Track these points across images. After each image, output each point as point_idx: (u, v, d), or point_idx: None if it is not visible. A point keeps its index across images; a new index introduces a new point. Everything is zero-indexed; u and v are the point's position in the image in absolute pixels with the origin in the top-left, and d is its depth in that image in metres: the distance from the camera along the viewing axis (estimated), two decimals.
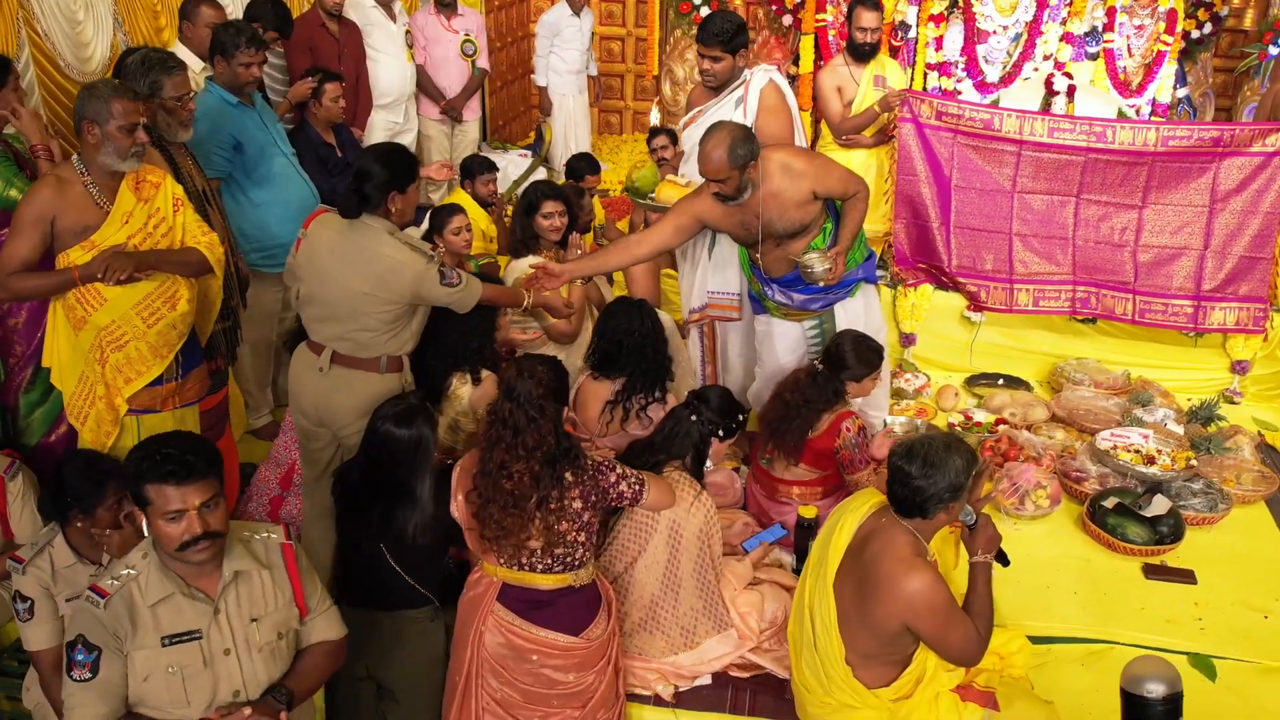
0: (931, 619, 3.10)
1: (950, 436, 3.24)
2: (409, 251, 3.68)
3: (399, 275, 3.65)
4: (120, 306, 3.58)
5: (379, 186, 3.65)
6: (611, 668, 3.43)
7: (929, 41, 7.46)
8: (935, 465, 3.11)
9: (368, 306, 3.68)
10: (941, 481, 3.10)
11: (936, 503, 3.13)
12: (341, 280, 3.67)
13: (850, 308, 4.55)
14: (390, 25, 6.81)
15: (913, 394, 5.65)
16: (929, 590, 3.07)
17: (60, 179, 3.57)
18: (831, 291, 4.44)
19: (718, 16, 4.66)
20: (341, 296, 3.69)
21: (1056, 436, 5.13)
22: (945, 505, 3.14)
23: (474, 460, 3.27)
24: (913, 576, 3.09)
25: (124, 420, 3.72)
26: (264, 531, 2.82)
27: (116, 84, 3.57)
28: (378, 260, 3.63)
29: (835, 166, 4.41)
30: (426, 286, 3.70)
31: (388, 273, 3.64)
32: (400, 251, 3.66)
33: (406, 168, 3.74)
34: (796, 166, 4.26)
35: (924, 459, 3.13)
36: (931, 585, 3.08)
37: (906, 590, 3.09)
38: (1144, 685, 2.38)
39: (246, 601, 2.69)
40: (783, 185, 4.25)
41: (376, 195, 3.65)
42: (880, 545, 3.20)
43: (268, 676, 2.71)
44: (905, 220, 5.81)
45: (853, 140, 5.92)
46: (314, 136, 5.88)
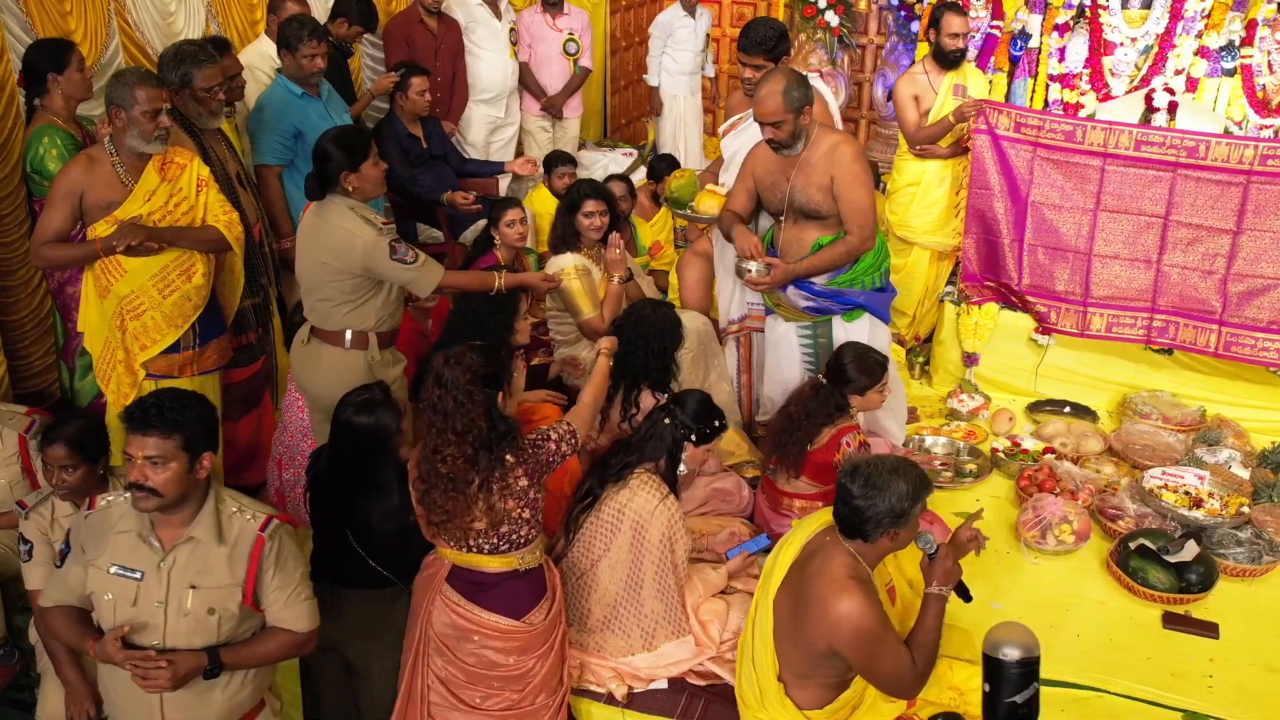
0: (858, 644, 3.02)
1: (902, 461, 3.14)
2: (362, 224, 3.82)
3: (350, 246, 3.79)
4: (139, 278, 3.85)
5: (334, 168, 3.82)
6: (554, 654, 3.46)
7: (1052, 52, 7.18)
8: (876, 487, 3.04)
9: (326, 276, 3.85)
10: (881, 504, 3.02)
11: (876, 525, 3.05)
12: (310, 252, 3.88)
13: (851, 331, 4.45)
14: (494, 23, 7.00)
15: (966, 415, 5.45)
16: (857, 614, 3.00)
17: (91, 158, 3.87)
18: (822, 298, 4.36)
19: (760, 24, 4.62)
20: (309, 267, 3.89)
21: (1104, 471, 4.85)
22: (887, 530, 3.06)
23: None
24: (842, 599, 3.01)
25: (142, 384, 3.99)
26: (253, 514, 2.91)
27: (142, 72, 3.84)
28: (335, 232, 3.80)
29: (866, 192, 4.29)
30: (375, 259, 3.82)
31: (340, 244, 3.80)
32: (354, 224, 3.80)
33: (358, 148, 3.87)
34: (841, 155, 4.23)
35: (866, 479, 3.06)
36: (860, 609, 3.00)
37: (835, 612, 3.02)
38: (1001, 649, 2.34)
39: (191, 567, 2.81)
40: (819, 160, 4.25)
41: (333, 175, 3.82)
42: (818, 564, 3.14)
43: (186, 641, 2.81)
44: (975, 235, 5.60)
45: (927, 151, 5.74)
46: (399, 128, 6.14)
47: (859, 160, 4.23)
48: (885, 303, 4.55)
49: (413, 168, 6.21)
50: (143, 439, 2.67)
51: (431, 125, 6.33)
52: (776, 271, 4.32)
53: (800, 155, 4.24)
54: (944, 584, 3.18)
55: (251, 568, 2.85)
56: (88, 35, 4.81)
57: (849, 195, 4.22)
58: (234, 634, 2.89)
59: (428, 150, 6.29)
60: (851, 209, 4.27)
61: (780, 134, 4.15)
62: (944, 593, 3.19)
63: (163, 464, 2.69)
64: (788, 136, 4.16)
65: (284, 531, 2.95)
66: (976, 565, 4.34)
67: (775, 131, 4.15)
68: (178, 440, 2.70)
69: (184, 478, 2.73)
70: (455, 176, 6.40)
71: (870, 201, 4.30)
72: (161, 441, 2.68)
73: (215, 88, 4.24)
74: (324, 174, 3.82)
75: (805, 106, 4.13)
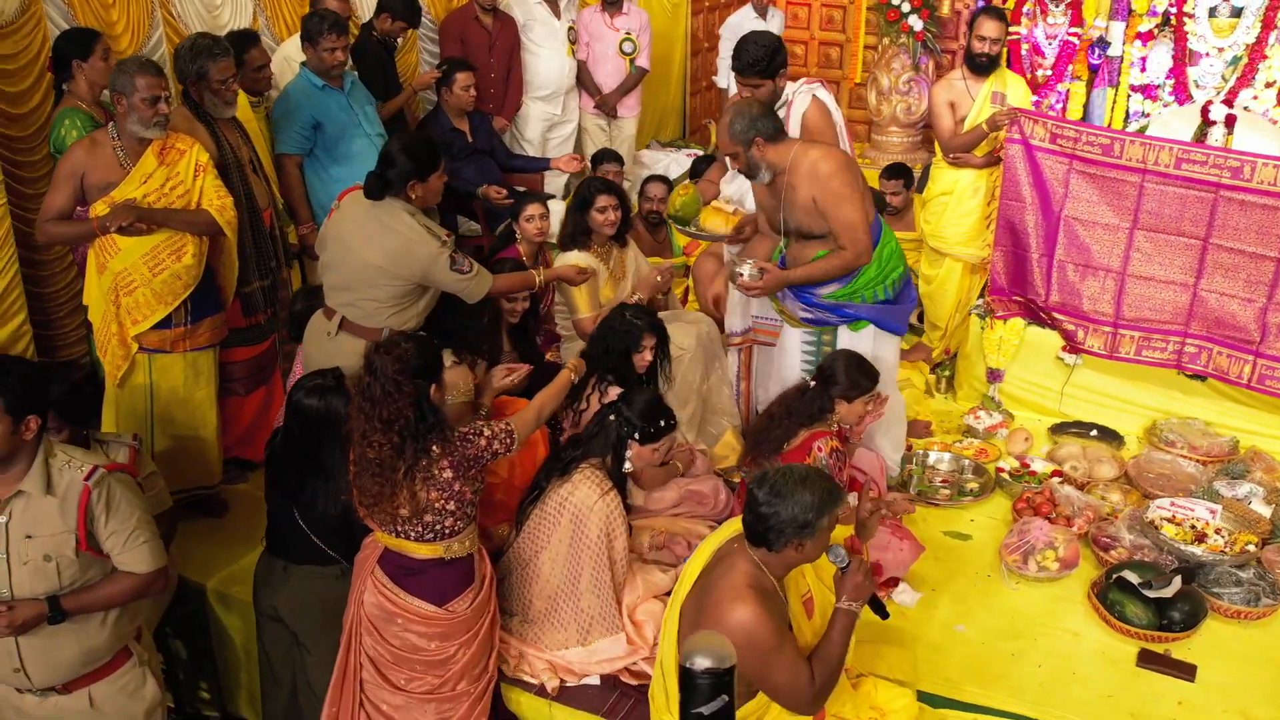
0: (750, 653, 2.97)
1: (812, 471, 3.08)
2: (425, 234, 3.91)
3: (412, 255, 3.89)
4: (131, 256, 4.05)
5: (401, 175, 3.90)
6: (479, 642, 3.51)
7: (1134, 62, 6.89)
8: (780, 495, 2.98)
9: (378, 279, 3.93)
10: (784, 513, 2.97)
11: (779, 535, 2.99)
12: (359, 251, 3.93)
13: (856, 343, 4.35)
14: (553, 21, 7.09)
15: (983, 433, 5.28)
16: (750, 623, 2.95)
17: (94, 141, 4.09)
18: (820, 309, 4.28)
19: (750, 44, 4.54)
20: (357, 266, 3.95)
21: (1110, 498, 4.64)
22: (791, 540, 2.99)
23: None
24: (736, 607, 2.97)
25: (136, 358, 4.20)
26: (81, 465, 3.07)
27: (143, 61, 4.04)
28: (394, 238, 3.88)
29: (852, 206, 4.18)
30: (436, 269, 3.93)
31: (401, 251, 3.88)
32: (416, 233, 3.90)
33: (429, 159, 3.97)
34: (819, 173, 4.16)
35: (772, 487, 3.01)
36: (754, 619, 2.95)
37: (728, 620, 2.97)
38: (691, 657, 2.25)
39: (25, 518, 2.99)
40: (800, 182, 4.19)
41: (398, 182, 3.91)
42: (721, 571, 3.11)
43: (30, 589, 3.00)
44: (1004, 248, 5.42)
45: (961, 159, 5.58)
46: (444, 122, 6.28)
47: (839, 175, 4.14)
48: (896, 315, 4.43)
49: (456, 161, 6.33)
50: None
51: (478, 120, 6.44)
52: (769, 276, 4.28)
53: (784, 179, 4.19)
54: (853, 599, 3.10)
55: (80, 515, 3.03)
56: (130, 26, 5.08)
57: (834, 213, 4.16)
58: (78, 579, 3.07)
59: (472, 145, 6.40)
60: (840, 226, 4.19)
61: (737, 165, 4.21)
62: (853, 608, 3.10)
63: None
64: (745, 167, 4.20)
65: (112, 479, 3.10)
66: (951, 586, 4.24)
67: (733, 163, 4.22)
68: (0, 403, 2.86)
69: (8, 438, 2.92)
70: (500, 171, 6.51)
71: (858, 216, 4.20)
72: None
73: (229, 79, 4.41)
74: (387, 177, 3.91)
75: (755, 138, 4.12)
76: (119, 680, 3.26)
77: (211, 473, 4.53)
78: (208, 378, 4.37)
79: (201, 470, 4.49)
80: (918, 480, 4.83)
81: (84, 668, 3.16)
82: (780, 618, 3.03)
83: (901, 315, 4.45)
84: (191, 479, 4.44)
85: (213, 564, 4.28)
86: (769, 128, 4.15)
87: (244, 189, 4.51)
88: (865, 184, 4.32)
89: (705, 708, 2.06)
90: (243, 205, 4.48)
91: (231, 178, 4.45)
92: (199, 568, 4.26)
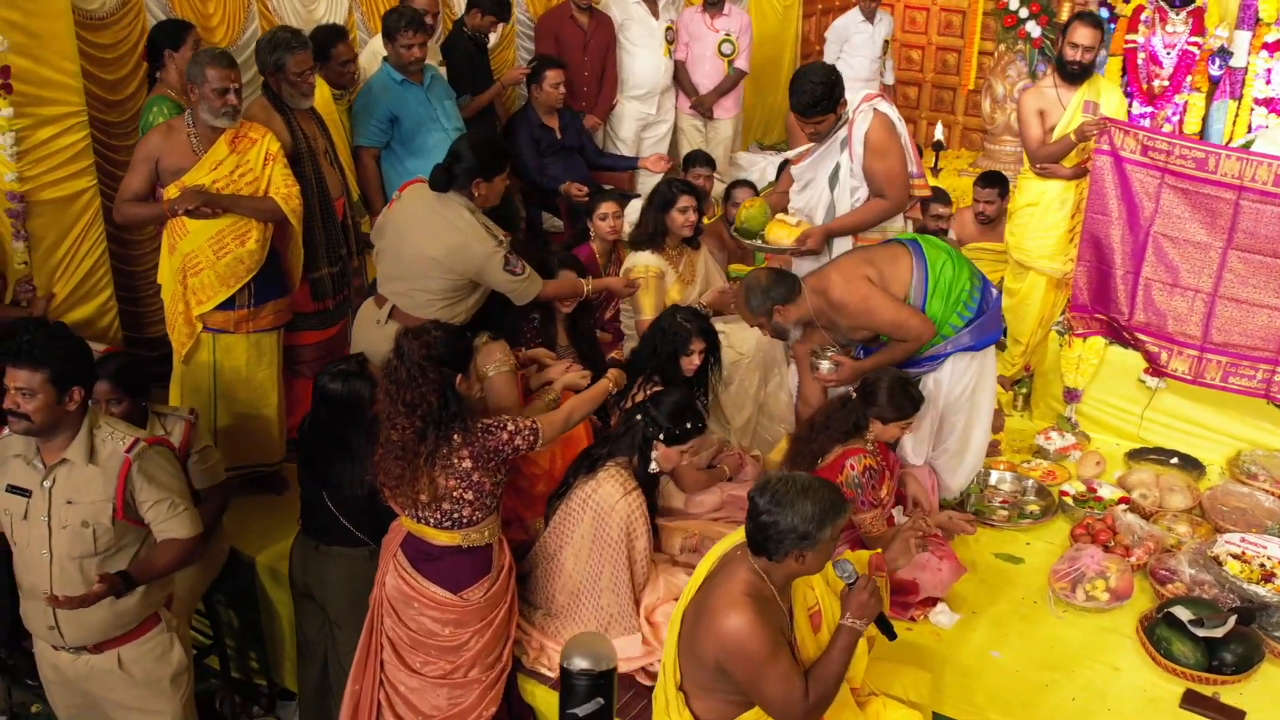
0: (742, 663, 2.94)
1: (817, 481, 3.02)
2: (483, 233, 3.98)
3: (468, 251, 3.97)
4: (198, 239, 4.23)
5: (467, 171, 3.98)
6: (492, 631, 3.56)
7: (1259, 73, 6.56)
8: (781, 504, 2.94)
9: (433, 271, 4.00)
10: (784, 523, 2.92)
11: (777, 544, 2.95)
12: (417, 242, 4.01)
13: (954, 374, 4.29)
14: (651, 21, 7.10)
15: (1054, 455, 5.09)
16: (744, 631, 2.92)
17: (170, 127, 4.29)
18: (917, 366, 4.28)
19: (805, 84, 4.48)
20: (413, 257, 4.03)
21: (1177, 530, 4.42)
22: (791, 550, 2.94)
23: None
24: (732, 614, 2.94)
25: (201, 336, 4.38)
26: (124, 437, 3.22)
27: (215, 53, 4.21)
28: (453, 234, 3.95)
29: (886, 309, 4.13)
30: (490, 269, 4.00)
31: (458, 248, 3.96)
32: (475, 230, 3.97)
33: (496, 159, 4.06)
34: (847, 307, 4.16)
35: (773, 494, 2.97)
36: (749, 627, 2.91)
37: (723, 627, 2.95)
38: (570, 657, 2.22)
39: (67, 485, 3.16)
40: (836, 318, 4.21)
41: (463, 178, 3.99)
42: (722, 577, 3.08)
43: (67, 551, 3.17)
44: (1088, 264, 5.20)
45: (1049, 170, 5.37)
46: (533, 119, 6.37)
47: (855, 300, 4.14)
48: (987, 326, 4.27)
49: (543, 158, 6.42)
50: (15, 371, 3.03)
51: (568, 117, 6.52)
52: (844, 369, 4.22)
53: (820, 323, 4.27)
54: (857, 617, 3.03)
55: (119, 485, 3.17)
56: (225, 19, 5.30)
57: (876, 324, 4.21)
58: (112, 546, 3.23)
59: (561, 142, 6.48)
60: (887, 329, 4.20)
61: (767, 333, 4.30)
62: (857, 626, 3.04)
63: (30, 395, 3.03)
64: (774, 334, 4.28)
65: (152, 452, 3.25)
66: (994, 610, 4.11)
67: (765, 331, 4.30)
68: (45, 374, 3.03)
69: (53, 408, 3.07)
70: (587, 168, 6.57)
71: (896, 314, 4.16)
72: (30, 375, 3.02)
73: (306, 72, 4.54)
74: (454, 172, 3.99)
75: (774, 306, 4.15)
76: (146, 644, 3.42)
77: (273, 451, 4.69)
78: (270, 359, 4.52)
79: (263, 448, 4.65)
80: (975, 500, 4.68)
81: (113, 630, 3.32)
82: (777, 628, 2.98)
83: (987, 326, 4.26)
84: (253, 456, 4.61)
85: (266, 539, 4.43)
86: (781, 293, 4.16)
87: (316, 178, 4.65)
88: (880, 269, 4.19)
89: (580, 708, 2.04)
90: (314, 194, 4.63)
91: (304, 167, 4.60)
92: (253, 541, 4.42)
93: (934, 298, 4.17)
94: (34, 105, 4.40)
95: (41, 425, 3.10)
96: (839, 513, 2.96)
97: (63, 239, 4.62)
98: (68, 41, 4.48)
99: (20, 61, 4.31)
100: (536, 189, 6.42)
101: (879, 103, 4.57)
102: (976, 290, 4.19)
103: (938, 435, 4.37)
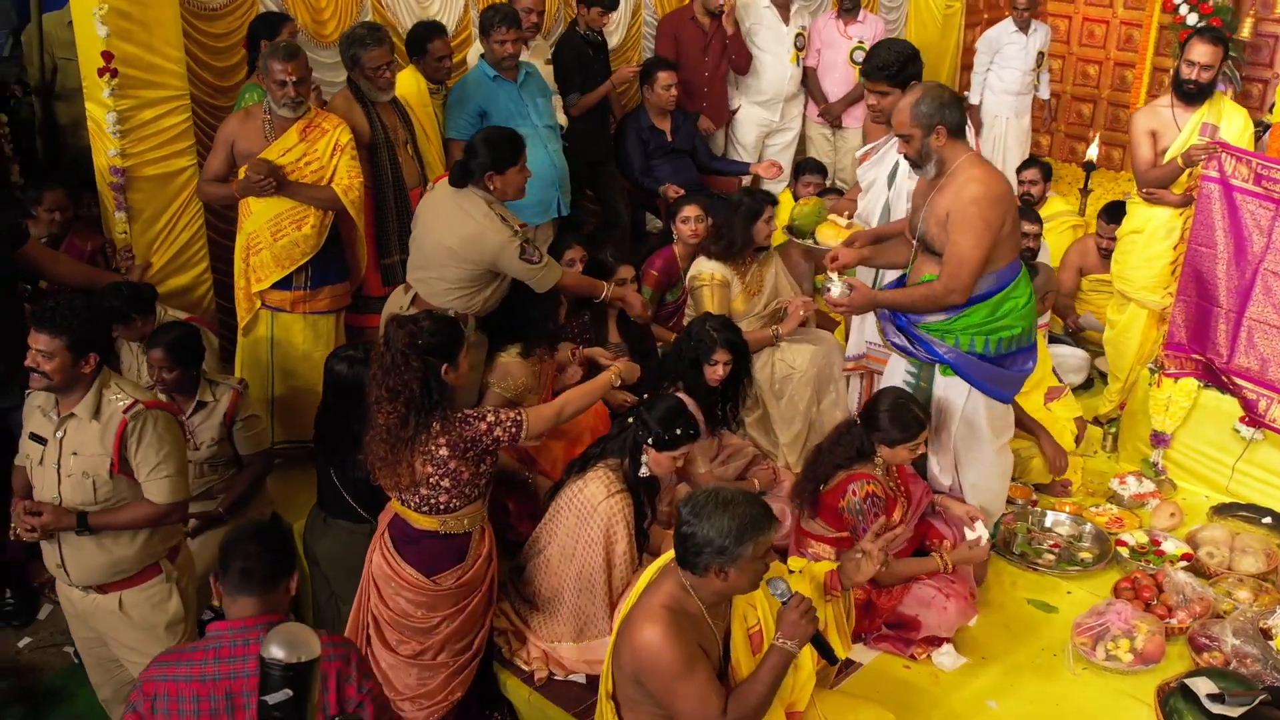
0: (653, 675, 2.90)
1: (742, 495, 2.93)
2: (498, 222, 4.10)
3: (483, 241, 4.09)
4: (259, 220, 4.49)
5: (480, 165, 4.13)
6: (464, 618, 3.62)
7: None
8: (700, 516, 2.87)
9: (449, 261, 4.16)
10: (700, 535, 2.85)
11: (698, 557, 2.88)
12: (436, 233, 4.20)
13: (948, 388, 4.05)
14: (780, 26, 6.99)
15: (1128, 501, 4.73)
16: (656, 644, 2.88)
17: (248, 113, 4.57)
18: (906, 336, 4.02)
19: (883, 47, 4.29)
20: (432, 247, 4.21)
21: (1236, 595, 4.03)
22: (711, 566, 2.86)
23: None
24: (646, 626, 2.91)
25: (260, 312, 4.65)
26: (128, 398, 3.43)
27: (280, 46, 4.46)
28: (468, 224, 4.10)
29: (973, 238, 3.79)
30: (506, 256, 4.11)
31: (473, 237, 4.10)
32: (490, 220, 4.09)
33: (508, 153, 4.15)
34: (965, 193, 3.79)
35: (694, 506, 2.91)
36: (660, 640, 2.87)
37: (637, 639, 2.92)
38: (269, 646, 2.17)
39: (74, 437, 3.40)
40: (948, 194, 3.84)
41: (477, 172, 4.13)
42: (648, 589, 3.05)
43: (70, 498, 3.40)
44: (1187, 299, 4.80)
45: (1156, 195, 4.98)
46: (643, 119, 6.42)
47: (980, 202, 3.76)
48: (990, 375, 3.98)
49: (650, 159, 6.44)
50: (37, 334, 3.27)
51: (681, 120, 6.51)
52: (857, 295, 4.04)
53: (939, 182, 3.89)
54: (788, 637, 2.92)
55: (116, 442, 3.37)
56: (337, 14, 5.55)
57: (953, 236, 3.82)
58: (110, 496, 3.43)
59: (671, 144, 6.48)
60: (949, 252, 3.86)
61: (908, 149, 3.88)
62: (787, 646, 2.92)
63: (49, 357, 3.27)
64: (915, 154, 3.86)
65: (149, 415, 3.41)
66: (1008, 658, 3.88)
67: (904, 146, 3.89)
68: (63, 340, 3.26)
69: (68, 369, 3.30)
70: (697, 171, 6.55)
71: (973, 252, 3.81)
72: (50, 339, 3.26)
73: (381, 67, 4.73)
74: (469, 167, 4.15)
75: (938, 125, 3.77)
76: (146, 591, 3.64)
77: None
78: (327, 340, 4.72)
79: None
80: (1021, 540, 4.42)
81: (111, 575, 3.56)
82: (694, 644, 2.91)
83: (1000, 379, 3.99)
84: (306, 431, 4.81)
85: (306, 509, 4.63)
86: (955, 119, 3.84)
87: (392, 168, 4.85)
88: (1010, 227, 3.90)
89: (270, 696, 2.04)
90: (389, 183, 4.83)
91: (381, 156, 4.81)
92: (295, 510, 4.61)
93: (986, 306, 3.92)
94: (138, 88, 4.73)
95: (58, 384, 3.36)
96: (760, 529, 2.86)
97: (161, 213, 4.96)
98: (173, 30, 4.81)
99: (126, 47, 4.66)
100: (640, 190, 6.45)
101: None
102: (1015, 344, 3.95)
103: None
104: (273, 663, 2.09)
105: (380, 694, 2.76)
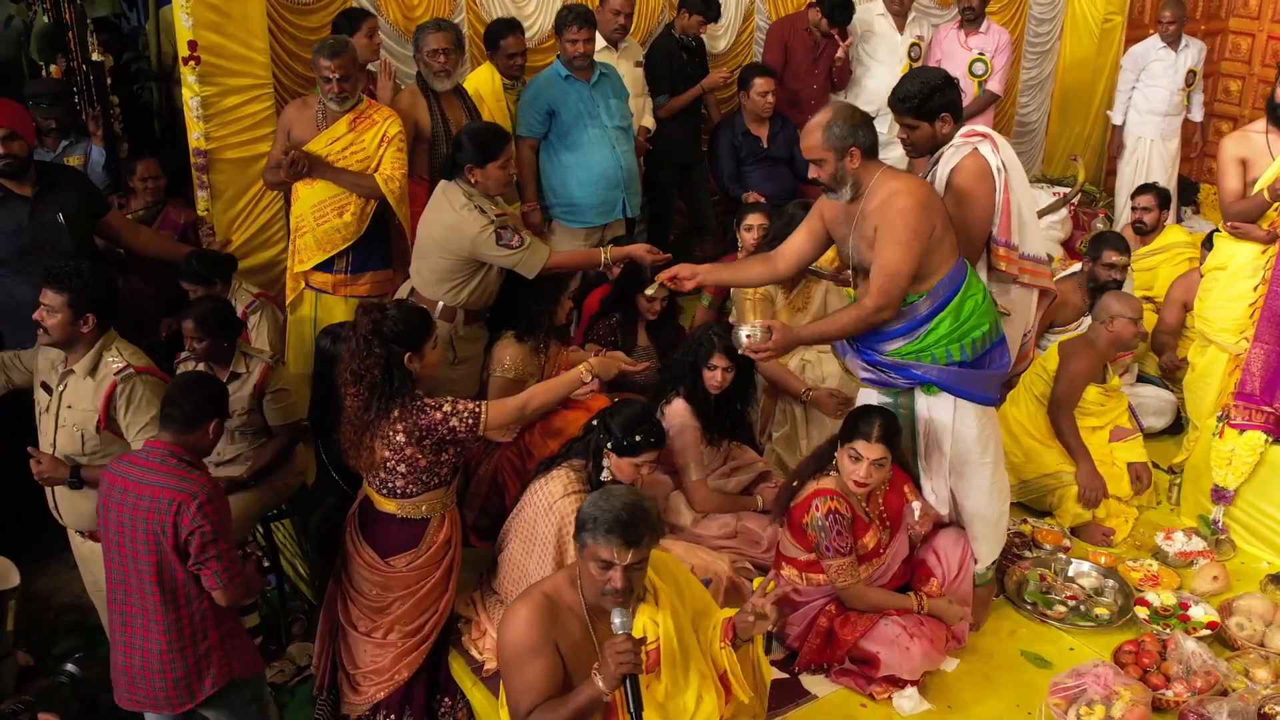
0: (501, 650, 2.99)
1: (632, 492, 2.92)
2: (473, 212, 4.20)
3: (460, 230, 4.21)
4: (305, 205, 4.73)
5: (463, 159, 4.25)
6: (415, 601, 3.71)
7: None
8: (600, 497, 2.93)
9: (435, 251, 4.31)
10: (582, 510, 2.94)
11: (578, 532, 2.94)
12: (426, 225, 4.37)
13: (933, 407, 3.81)
14: (894, 35, 6.78)
15: (1173, 559, 4.35)
16: (508, 624, 2.95)
17: (304, 102, 4.83)
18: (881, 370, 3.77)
19: (911, 76, 3.95)
20: (423, 238, 4.38)
21: (1255, 674, 3.65)
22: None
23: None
24: (518, 603, 3.00)
25: (304, 292, 4.90)
26: (122, 361, 3.68)
27: (327, 42, 4.67)
28: (449, 214, 4.23)
29: (901, 250, 3.51)
30: (482, 244, 4.20)
31: (451, 226, 4.22)
32: (468, 211, 4.20)
33: (490, 148, 4.24)
34: (895, 204, 3.54)
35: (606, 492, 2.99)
36: (512, 621, 2.93)
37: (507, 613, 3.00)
38: None
39: (71, 392, 3.69)
40: (871, 210, 3.61)
41: (460, 165, 4.26)
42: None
43: (63, 448, 3.69)
44: (1265, 345, 4.37)
45: (1242, 229, 4.54)
46: (737, 124, 6.41)
47: (905, 214, 3.51)
48: (977, 381, 3.72)
49: (742, 165, 6.38)
50: (45, 290, 3.57)
51: (779, 126, 6.41)
52: (779, 335, 3.66)
53: (857, 205, 3.66)
54: (601, 674, 2.78)
55: (104, 401, 3.63)
56: (430, 10, 5.75)
57: (880, 250, 3.56)
58: (98, 450, 3.68)
59: (766, 151, 6.40)
60: (876, 266, 3.59)
61: (822, 174, 3.63)
62: (597, 683, 2.78)
63: (52, 312, 3.56)
64: (829, 178, 3.62)
65: (139, 379, 3.66)
66: (978, 710, 3.69)
67: (816, 170, 3.65)
68: (65, 298, 3.54)
69: (67, 326, 3.58)
70: (794, 179, 6.43)
71: (900, 265, 3.52)
72: (55, 295, 3.55)
73: (437, 51, 4.89)
74: (455, 160, 4.30)
75: (852, 148, 3.54)
76: None
77: None
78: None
79: None
80: (1033, 587, 4.14)
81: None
82: (548, 637, 2.89)
83: (984, 382, 3.72)
84: None
85: None
86: (868, 140, 3.61)
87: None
88: (941, 230, 3.59)
89: None
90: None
91: (440, 147, 4.97)
92: None
93: (948, 314, 3.65)
94: (222, 75, 5.07)
95: (57, 339, 3.66)
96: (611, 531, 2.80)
97: (241, 194, 5.29)
98: (258, 22, 5.12)
99: (212, 37, 4.99)
100: (725, 195, 6.40)
101: (982, 143, 3.83)
102: (987, 341, 3.67)
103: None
104: None
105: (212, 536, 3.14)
